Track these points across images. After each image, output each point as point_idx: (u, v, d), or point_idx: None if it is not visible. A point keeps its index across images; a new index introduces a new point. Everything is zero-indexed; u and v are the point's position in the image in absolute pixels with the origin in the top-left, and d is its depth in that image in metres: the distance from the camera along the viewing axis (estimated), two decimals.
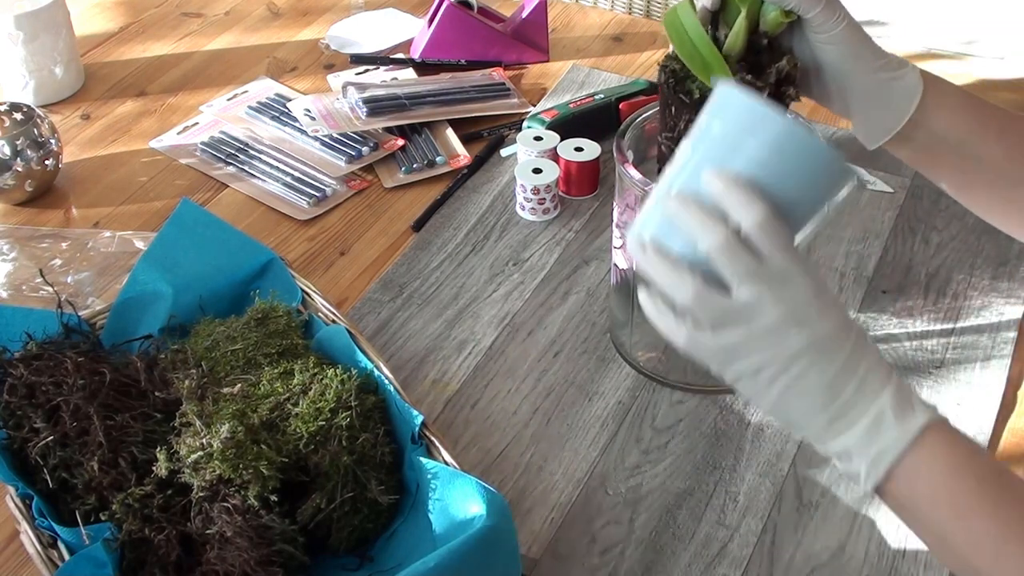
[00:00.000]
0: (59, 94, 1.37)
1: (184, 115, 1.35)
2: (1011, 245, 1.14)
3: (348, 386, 0.86)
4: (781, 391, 0.64)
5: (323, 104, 1.31)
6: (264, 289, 0.98)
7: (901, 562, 0.86)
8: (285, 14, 1.55)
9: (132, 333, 0.95)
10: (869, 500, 0.90)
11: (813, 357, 0.63)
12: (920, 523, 0.65)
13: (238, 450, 0.79)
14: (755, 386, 0.65)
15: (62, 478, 0.83)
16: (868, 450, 0.63)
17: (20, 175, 1.18)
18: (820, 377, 0.63)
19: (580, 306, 1.08)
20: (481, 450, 0.95)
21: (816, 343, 0.63)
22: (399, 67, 1.42)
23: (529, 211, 1.17)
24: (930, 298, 1.08)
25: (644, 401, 0.99)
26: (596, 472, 0.93)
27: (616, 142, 0.93)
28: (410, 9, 1.53)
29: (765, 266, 0.62)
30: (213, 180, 1.25)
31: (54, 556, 0.78)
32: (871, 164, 1.23)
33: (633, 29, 1.51)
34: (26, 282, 1.10)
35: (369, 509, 0.84)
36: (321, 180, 1.24)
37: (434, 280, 1.11)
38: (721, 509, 0.90)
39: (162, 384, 0.86)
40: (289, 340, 0.92)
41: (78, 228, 1.18)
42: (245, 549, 0.77)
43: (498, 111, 1.33)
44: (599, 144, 1.20)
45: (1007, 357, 1.02)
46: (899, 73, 0.78)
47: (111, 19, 1.53)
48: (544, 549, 0.88)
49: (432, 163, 1.25)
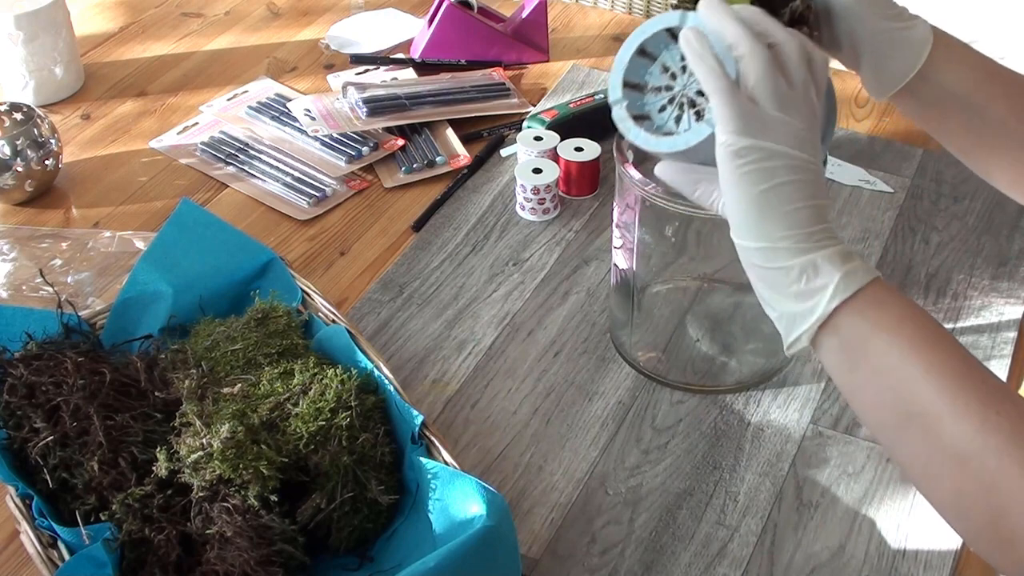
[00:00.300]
0: (59, 94, 1.37)
1: (184, 115, 1.35)
2: (1011, 245, 1.14)
3: (348, 386, 0.86)
4: (772, 187, 0.67)
5: (323, 104, 1.31)
6: (264, 289, 0.98)
7: (901, 562, 0.86)
8: (285, 14, 1.55)
9: (132, 333, 0.95)
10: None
11: (808, 176, 0.67)
12: (867, 359, 0.66)
13: (238, 450, 0.79)
14: (754, 174, 0.67)
15: (62, 478, 0.83)
16: (842, 267, 0.66)
17: (20, 175, 1.18)
18: (803, 191, 0.67)
19: (580, 306, 1.08)
20: (481, 450, 0.95)
21: (817, 169, 0.68)
22: (399, 67, 1.42)
23: (529, 211, 1.17)
24: (930, 298, 1.08)
25: (644, 401, 0.99)
26: (596, 472, 0.93)
27: (616, 142, 0.93)
28: (410, 9, 1.53)
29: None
30: (213, 180, 1.25)
31: (54, 556, 0.78)
32: (871, 164, 1.23)
33: (633, 29, 1.51)
34: (26, 282, 1.10)
35: (369, 509, 0.84)
36: (321, 180, 1.24)
37: (434, 280, 1.11)
38: (721, 509, 0.90)
39: (162, 384, 0.86)
40: (289, 340, 0.92)
41: (78, 228, 1.18)
42: (245, 549, 0.77)
43: (498, 111, 1.33)
44: (599, 144, 1.20)
45: (1007, 357, 1.02)
46: (910, 23, 0.78)
47: (111, 19, 1.53)
48: (544, 549, 0.88)
49: (432, 163, 1.25)
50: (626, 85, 0.76)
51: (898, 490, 0.91)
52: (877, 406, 0.67)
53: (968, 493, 0.63)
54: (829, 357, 0.68)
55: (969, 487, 0.63)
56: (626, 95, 0.75)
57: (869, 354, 0.66)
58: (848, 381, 0.68)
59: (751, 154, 0.67)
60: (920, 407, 0.64)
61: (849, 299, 0.66)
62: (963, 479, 0.63)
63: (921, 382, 0.65)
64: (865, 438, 0.95)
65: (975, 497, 0.63)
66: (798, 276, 0.66)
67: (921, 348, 0.65)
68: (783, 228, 0.67)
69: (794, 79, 0.68)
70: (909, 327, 0.66)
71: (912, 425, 0.65)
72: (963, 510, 0.65)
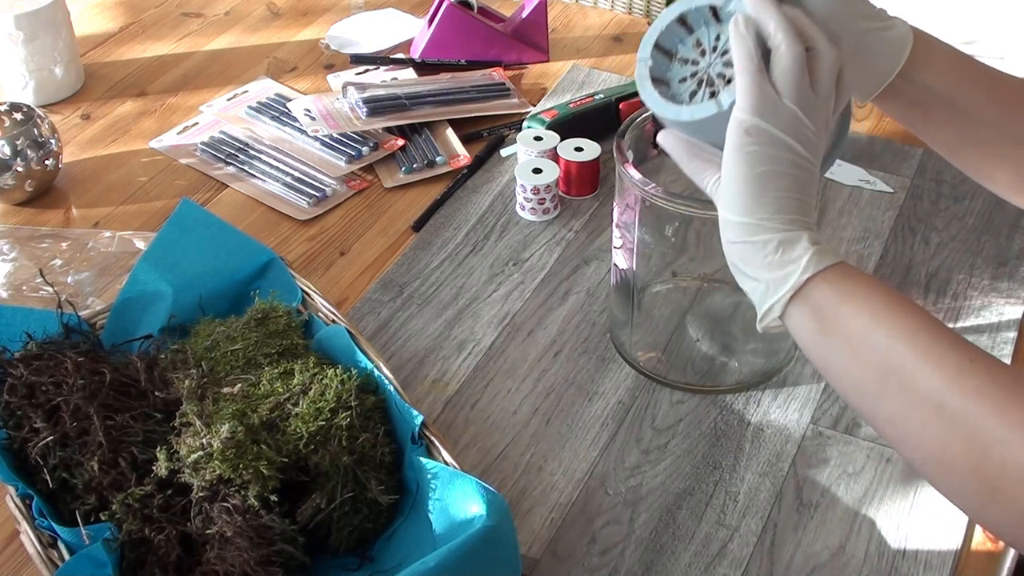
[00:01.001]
0: (59, 94, 1.37)
1: (184, 115, 1.35)
2: (1011, 245, 1.14)
3: (348, 386, 0.86)
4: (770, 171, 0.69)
5: (323, 104, 1.31)
6: (264, 289, 0.98)
7: (901, 562, 0.86)
8: (285, 14, 1.55)
9: (132, 333, 0.95)
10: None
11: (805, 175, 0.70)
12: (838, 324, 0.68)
13: (238, 450, 0.79)
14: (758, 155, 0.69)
15: (62, 478, 0.83)
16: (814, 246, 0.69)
17: (20, 175, 1.18)
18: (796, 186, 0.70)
19: (580, 306, 1.08)
20: (481, 450, 0.95)
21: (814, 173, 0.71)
22: (399, 67, 1.42)
23: (529, 211, 1.17)
24: (930, 298, 1.08)
25: (644, 401, 0.99)
26: (596, 472, 0.93)
27: (616, 142, 0.93)
28: (410, 9, 1.53)
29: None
30: (213, 180, 1.25)
31: (54, 556, 0.78)
32: (871, 164, 1.23)
33: (633, 29, 1.51)
34: (26, 282, 1.10)
35: (369, 509, 0.84)
36: (321, 180, 1.24)
37: (434, 280, 1.11)
38: (721, 509, 0.90)
39: (162, 384, 0.86)
40: (289, 340, 0.92)
41: (78, 228, 1.18)
42: (245, 549, 0.77)
43: (498, 111, 1.33)
44: (599, 144, 1.20)
45: (1007, 357, 1.02)
46: (888, 23, 0.79)
47: (111, 19, 1.53)
48: (544, 549, 0.88)
49: (432, 163, 1.25)
50: (657, 47, 0.77)
51: (898, 490, 0.91)
52: (851, 369, 0.69)
53: (950, 442, 0.64)
54: (801, 326, 0.70)
55: (950, 435, 0.64)
56: (654, 56, 0.77)
57: (840, 318, 0.68)
58: (820, 349, 0.70)
59: (760, 135, 0.69)
60: (894, 363, 0.66)
61: (820, 271, 0.69)
62: (943, 428, 0.64)
63: (893, 339, 0.66)
64: (865, 438, 0.95)
65: (957, 445, 0.64)
66: (774, 249, 0.69)
67: (891, 309, 0.68)
68: (770, 209, 0.70)
69: (819, 87, 0.71)
70: (878, 294, 0.69)
71: (888, 382, 0.66)
72: (947, 462, 0.65)
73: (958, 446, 0.64)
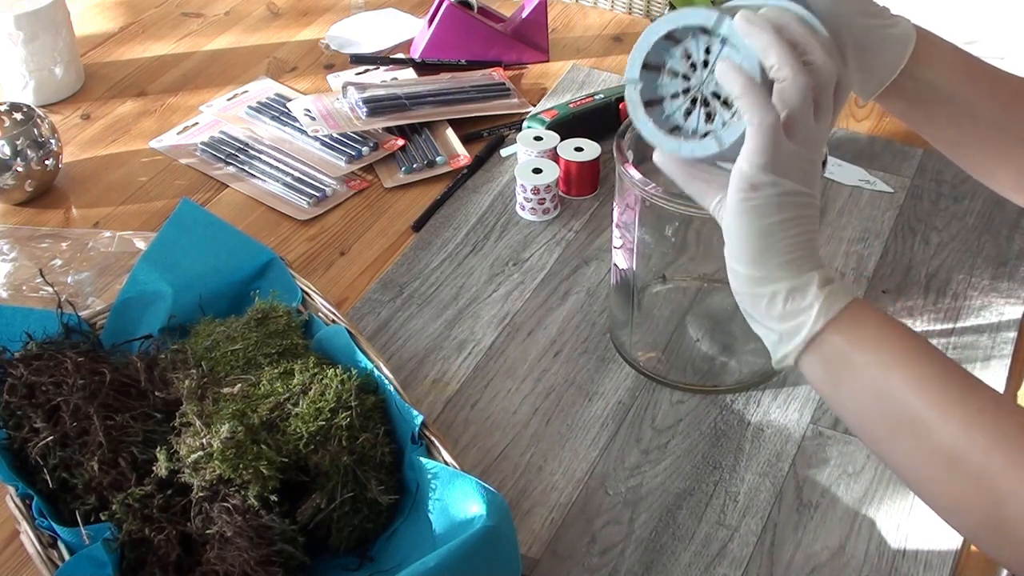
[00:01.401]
0: (59, 94, 1.37)
1: (184, 115, 1.35)
2: (1011, 245, 1.14)
3: (348, 386, 0.86)
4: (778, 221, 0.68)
5: (323, 104, 1.31)
6: (264, 289, 0.98)
7: (901, 562, 0.86)
8: (285, 14, 1.55)
9: (132, 333, 0.95)
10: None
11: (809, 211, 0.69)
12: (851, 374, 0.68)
13: (238, 450, 0.79)
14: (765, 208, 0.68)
15: (62, 478, 0.83)
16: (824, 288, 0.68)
17: (20, 175, 1.18)
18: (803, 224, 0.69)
19: (580, 306, 1.08)
20: (481, 450, 0.95)
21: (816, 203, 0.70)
22: (399, 67, 1.42)
23: (529, 211, 1.17)
24: (930, 298, 1.08)
25: (644, 401, 0.99)
26: (596, 472, 0.93)
27: (616, 142, 0.93)
28: (410, 9, 1.53)
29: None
30: (213, 180, 1.25)
31: (54, 556, 0.78)
32: (871, 164, 1.23)
33: (633, 29, 1.51)
34: (26, 282, 1.10)
35: (369, 509, 0.84)
36: (321, 180, 1.24)
37: (434, 280, 1.11)
38: (721, 509, 0.90)
39: (162, 384, 0.86)
40: (289, 340, 0.92)
41: (78, 228, 1.18)
42: (245, 549, 0.77)
43: (498, 111, 1.33)
44: (599, 144, 1.20)
45: (1007, 357, 1.02)
46: (891, 21, 0.79)
47: (111, 19, 1.53)
48: (544, 549, 0.88)
49: (432, 163, 1.25)
50: (645, 67, 0.74)
51: (898, 490, 0.91)
52: (864, 418, 0.69)
53: (963, 492, 0.65)
54: (814, 374, 0.70)
55: (963, 486, 0.65)
56: (643, 76, 0.74)
57: (853, 368, 0.68)
58: (834, 396, 0.70)
59: (767, 189, 0.67)
60: (906, 415, 0.66)
61: (832, 319, 0.68)
62: (956, 479, 0.65)
63: (904, 391, 0.66)
64: None
65: (970, 495, 0.65)
66: (784, 299, 0.69)
67: (901, 359, 0.67)
68: (779, 259, 0.68)
69: (821, 112, 0.69)
70: (888, 341, 0.68)
71: (901, 433, 0.67)
72: (960, 509, 0.66)
73: (971, 498, 0.65)
